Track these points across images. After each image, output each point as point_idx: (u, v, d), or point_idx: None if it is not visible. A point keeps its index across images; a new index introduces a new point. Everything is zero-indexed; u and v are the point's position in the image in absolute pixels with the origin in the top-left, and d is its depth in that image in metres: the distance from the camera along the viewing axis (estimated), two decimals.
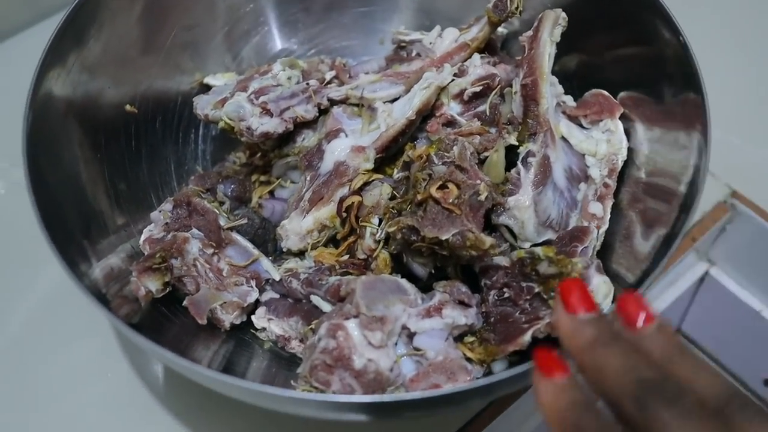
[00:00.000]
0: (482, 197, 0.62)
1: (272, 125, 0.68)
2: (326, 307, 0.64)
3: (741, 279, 0.94)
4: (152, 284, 0.64)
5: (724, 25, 1.03)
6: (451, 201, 0.61)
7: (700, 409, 0.32)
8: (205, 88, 0.79)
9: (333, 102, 0.73)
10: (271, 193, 0.74)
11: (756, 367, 1.01)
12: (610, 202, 0.68)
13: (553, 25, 0.69)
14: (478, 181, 0.63)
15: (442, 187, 0.62)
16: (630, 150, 0.70)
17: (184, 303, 0.65)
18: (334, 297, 0.63)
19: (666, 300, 0.92)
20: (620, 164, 0.69)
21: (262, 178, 0.75)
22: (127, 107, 0.73)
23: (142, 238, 0.68)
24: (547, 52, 0.69)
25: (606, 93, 0.72)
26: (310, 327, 0.64)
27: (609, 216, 0.67)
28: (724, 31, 1.02)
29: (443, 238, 0.59)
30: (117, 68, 0.72)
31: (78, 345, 0.75)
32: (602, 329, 0.37)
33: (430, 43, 0.76)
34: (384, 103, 0.72)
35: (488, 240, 0.59)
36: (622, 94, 0.72)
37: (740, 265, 0.93)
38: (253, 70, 0.75)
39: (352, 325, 0.58)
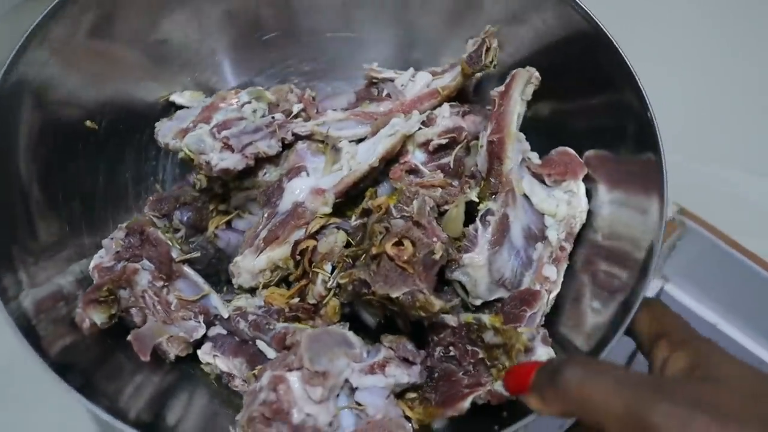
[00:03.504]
0: (437, 256, 0.62)
1: (232, 162, 0.67)
2: (271, 353, 0.64)
3: (696, 293, 0.96)
4: (98, 317, 0.62)
5: (669, 45, 1.08)
6: (405, 259, 0.61)
7: None
8: (170, 105, 0.77)
9: (298, 137, 0.72)
10: (228, 223, 0.73)
11: None
12: (564, 265, 0.68)
13: (525, 84, 0.69)
14: (435, 239, 0.62)
15: (398, 243, 0.61)
16: (589, 212, 0.69)
17: (129, 337, 0.64)
18: (279, 345, 0.63)
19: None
20: (578, 228, 0.69)
21: (221, 206, 0.73)
22: (88, 123, 0.71)
23: (92, 264, 0.67)
24: (516, 110, 0.68)
25: (572, 152, 0.71)
26: (253, 372, 0.63)
27: (561, 280, 0.67)
28: (669, 51, 1.06)
29: (394, 296, 0.59)
30: (80, 84, 0.70)
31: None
32: None
33: (402, 85, 0.75)
34: (349, 143, 0.71)
35: (438, 303, 0.59)
36: (588, 152, 0.71)
37: (694, 279, 0.96)
38: (218, 96, 0.73)
39: (293, 378, 0.58)
